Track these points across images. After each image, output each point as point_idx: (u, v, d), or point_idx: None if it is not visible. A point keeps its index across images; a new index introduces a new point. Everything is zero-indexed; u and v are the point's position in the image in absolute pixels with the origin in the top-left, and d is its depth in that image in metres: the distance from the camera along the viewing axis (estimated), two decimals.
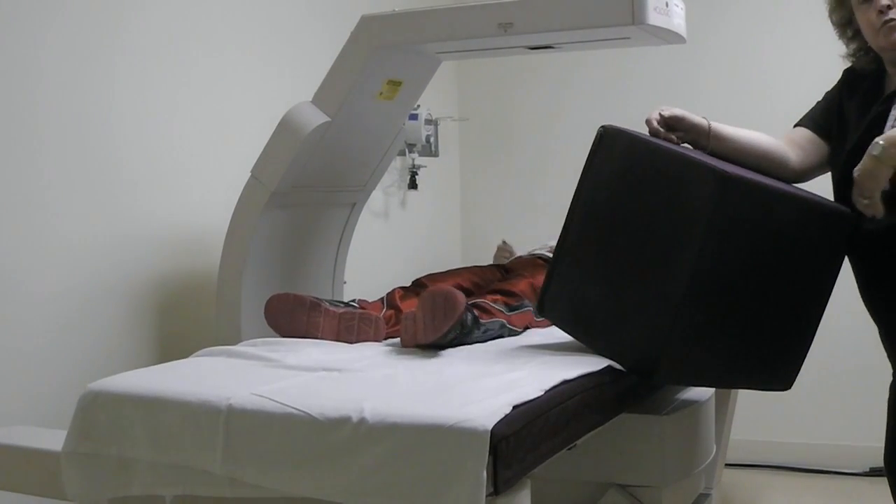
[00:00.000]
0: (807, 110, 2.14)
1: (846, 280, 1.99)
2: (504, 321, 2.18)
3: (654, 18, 2.00)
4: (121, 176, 2.32)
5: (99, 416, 1.68)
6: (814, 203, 1.90)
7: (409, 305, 2.25)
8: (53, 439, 1.75)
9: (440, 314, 1.92)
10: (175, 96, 2.47)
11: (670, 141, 1.95)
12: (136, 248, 2.35)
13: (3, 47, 2.03)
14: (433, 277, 2.41)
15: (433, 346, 1.96)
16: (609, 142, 1.94)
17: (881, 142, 1.74)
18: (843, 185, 1.95)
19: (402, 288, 2.35)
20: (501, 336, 2.16)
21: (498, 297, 2.27)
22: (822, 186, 2.02)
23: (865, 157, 1.76)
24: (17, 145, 2.07)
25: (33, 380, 2.09)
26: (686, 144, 2.01)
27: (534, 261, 2.61)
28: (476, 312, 2.09)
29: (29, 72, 2.09)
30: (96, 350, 2.24)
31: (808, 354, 1.98)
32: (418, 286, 2.37)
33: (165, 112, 2.45)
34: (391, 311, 2.23)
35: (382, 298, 2.29)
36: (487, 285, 2.44)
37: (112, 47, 2.29)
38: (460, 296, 1.96)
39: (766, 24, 3.47)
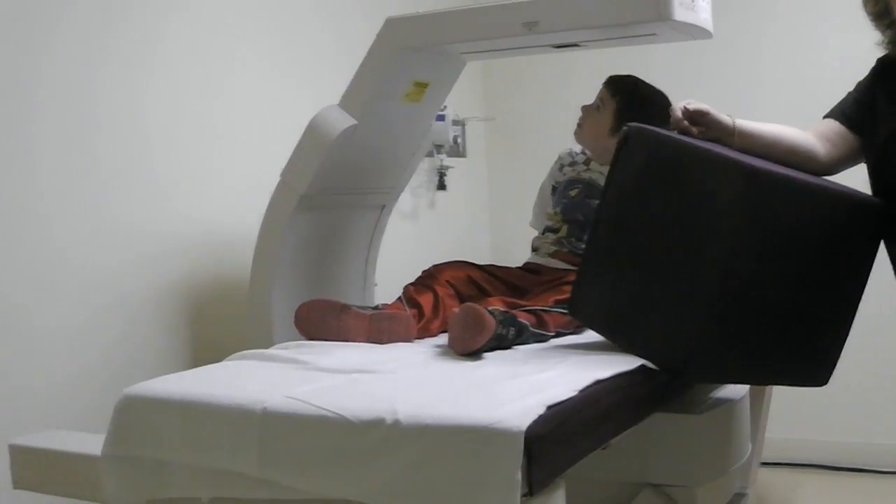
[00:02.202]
0: (835, 102, 2.11)
1: (883, 274, 1.96)
2: (552, 334, 2.15)
3: (680, 14, 1.99)
4: (153, 184, 2.35)
5: (135, 420, 1.70)
6: (843, 195, 1.88)
7: (427, 300, 2.25)
8: (91, 443, 1.77)
9: (469, 333, 1.92)
10: (204, 102, 2.49)
11: (691, 134, 1.93)
12: (167, 254, 2.38)
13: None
14: (440, 268, 2.38)
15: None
16: (634, 141, 1.93)
17: None
18: (878, 175, 1.92)
19: (412, 284, 2.33)
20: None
21: (566, 292, 2.19)
22: (854, 178, 1.99)
23: None
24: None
25: (70, 385, 2.11)
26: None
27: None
28: (530, 320, 2.08)
29: (66, 77, 2.12)
30: (131, 355, 2.27)
31: (845, 350, 1.96)
32: (428, 277, 2.34)
33: (195, 118, 2.47)
34: (414, 310, 2.22)
35: (400, 298, 2.28)
36: (500, 280, 2.41)
37: (143, 54, 2.32)
38: (489, 320, 1.93)
39: (791, 15, 3.43)
